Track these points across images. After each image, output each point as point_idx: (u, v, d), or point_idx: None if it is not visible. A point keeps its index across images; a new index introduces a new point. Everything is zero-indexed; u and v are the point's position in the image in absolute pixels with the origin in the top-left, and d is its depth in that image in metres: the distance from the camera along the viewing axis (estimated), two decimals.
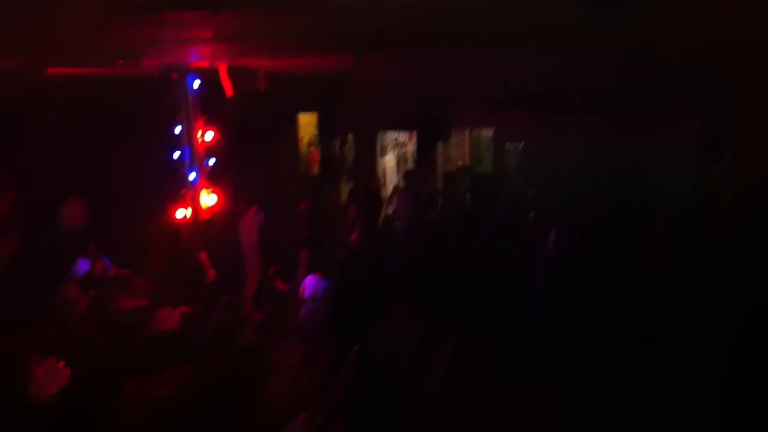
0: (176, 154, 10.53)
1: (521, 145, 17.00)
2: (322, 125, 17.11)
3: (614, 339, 7.34)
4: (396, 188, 13.98)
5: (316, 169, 17.04)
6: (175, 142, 10.49)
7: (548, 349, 7.50)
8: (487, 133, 18.23)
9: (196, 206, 10.57)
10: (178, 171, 10.54)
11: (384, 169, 16.23)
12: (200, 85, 10.36)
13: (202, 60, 9.71)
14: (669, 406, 6.55)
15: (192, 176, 10.51)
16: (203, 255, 10.30)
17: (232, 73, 9.88)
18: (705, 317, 7.26)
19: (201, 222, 10.61)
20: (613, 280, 7.78)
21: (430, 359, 7.12)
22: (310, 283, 9.45)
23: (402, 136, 17.00)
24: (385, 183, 15.58)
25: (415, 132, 15.70)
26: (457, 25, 5.58)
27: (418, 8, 4.47)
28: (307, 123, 17.16)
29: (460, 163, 17.45)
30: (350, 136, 16.89)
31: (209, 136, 10.56)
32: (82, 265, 9.98)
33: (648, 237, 8.76)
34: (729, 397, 6.40)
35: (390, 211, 13.24)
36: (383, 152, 16.36)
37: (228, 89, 9.96)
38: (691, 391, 6.66)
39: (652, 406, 6.56)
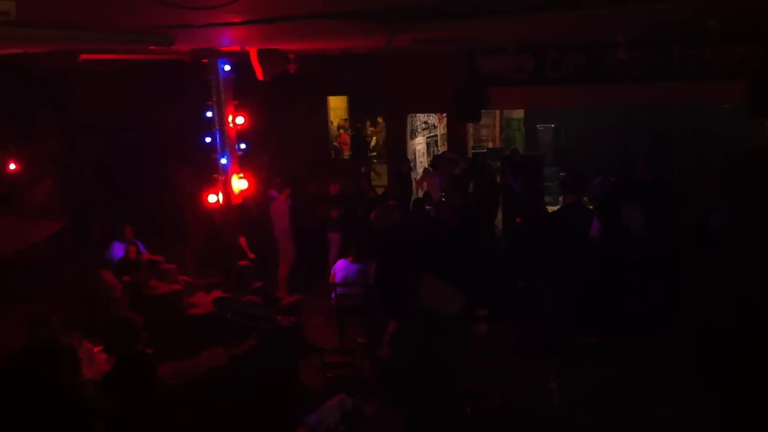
0: (207, 139, 10.56)
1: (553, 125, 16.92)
2: (352, 108, 17.10)
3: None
4: (426, 170, 13.93)
5: (346, 152, 17.03)
6: (207, 127, 10.52)
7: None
8: (518, 114, 18.10)
9: (228, 191, 10.60)
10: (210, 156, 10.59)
11: (414, 152, 16.17)
12: (231, 69, 10.36)
13: (233, 44, 9.70)
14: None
15: (224, 161, 10.53)
16: (242, 240, 10.38)
17: (263, 56, 9.86)
18: None
19: (233, 207, 10.65)
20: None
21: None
22: (341, 268, 9.46)
23: (432, 119, 16.91)
24: (415, 166, 15.52)
25: (445, 114, 15.61)
26: None
27: None
28: (336, 106, 17.15)
29: (490, 144, 17.35)
30: (380, 119, 16.85)
31: (240, 120, 10.57)
32: (117, 250, 10.08)
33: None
34: None
35: (420, 193, 13.20)
36: (413, 135, 16.29)
37: (259, 73, 9.95)
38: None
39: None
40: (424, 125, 16.76)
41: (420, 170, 15.18)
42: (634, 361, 7.13)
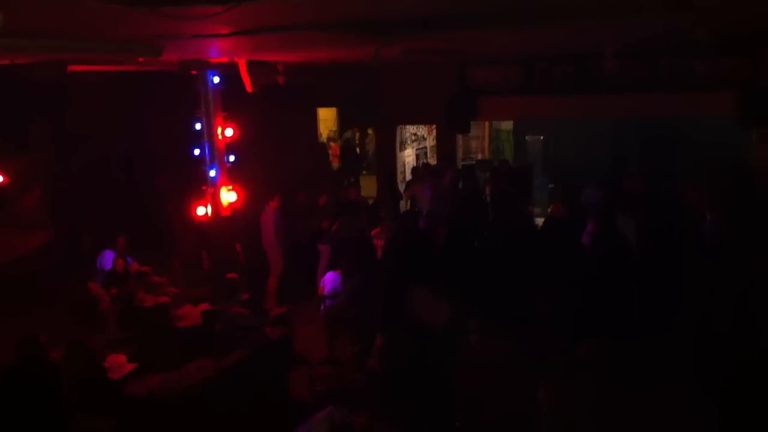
0: (196, 151, 10.54)
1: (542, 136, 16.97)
2: (342, 120, 17.12)
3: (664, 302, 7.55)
4: (409, 183, 13.89)
5: (335, 163, 17.03)
6: (196, 139, 10.50)
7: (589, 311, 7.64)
8: (507, 125, 18.16)
9: (216, 203, 10.57)
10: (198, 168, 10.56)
11: (404, 164, 16.18)
12: (220, 80, 10.36)
13: (221, 55, 9.69)
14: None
15: (212, 173, 10.50)
16: (238, 246, 10.36)
17: (252, 67, 9.85)
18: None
19: (222, 219, 10.61)
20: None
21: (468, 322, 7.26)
22: (330, 280, 9.42)
23: (421, 130, 16.94)
24: (404, 177, 15.53)
25: (434, 126, 15.64)
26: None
27: None
28: (326, 118, 17.15)
29: (479, 155, 17.38)
30: (370, 131, 16.86)
31: (229, 132, 10.56)
32: (108, 258, 10.00)
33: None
34: None
35: (409, 205, 13.19)
36: (403, 147, 16.32)
37: (248, 85, 9.94)
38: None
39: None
40: (413, 137, 16.79)
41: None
42: (630, 371, 7.14)
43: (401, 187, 14.43)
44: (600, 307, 7.64)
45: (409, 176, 15.38)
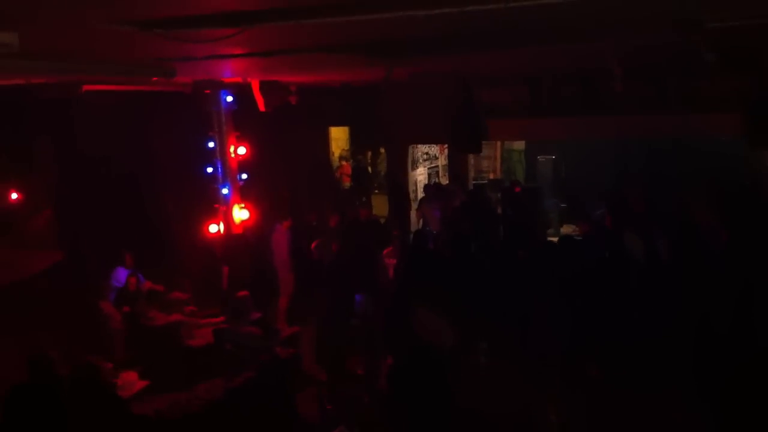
0: (209, 170, 10.62)
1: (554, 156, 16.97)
2: (354, 139, 17.17)
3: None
4: (421, 201, 13.90)
5: (347, 183, 17.07)
6: (209, 158, 10.58)
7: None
8: (519, 145, 18.18)
9: (228, 221, 10.63)
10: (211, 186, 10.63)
11: (415, 183, 16.21)
12: (233, 100, 10.45)
13: (234, 76, 9.78)
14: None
15: (225, 191, 10.57)
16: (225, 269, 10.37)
17: (265, 88, 9.94)
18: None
19: (233, 237, 10.66)
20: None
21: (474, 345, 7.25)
22: None
23: (433, 150, 16.97)
24: (416, 197, 15.55)
25: (446, 145, 15.66)
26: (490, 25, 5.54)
27: (450, 18, 4.43)
28: (338, 137, 17.22)
29: (491, 175, 17.39)
30: (382, 150, 16.91)
31: (242, 151, 10.63)
32: (122, 275, 10.04)
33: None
34: None
35: (420, 224, 13.19)
36: (414, 166, 16.35)
37: (261, 104, 10.02)
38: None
39: None
40: (425, 156, 16.82)
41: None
42: (630, 372, 7.13)
43: (413, 206, 14.46)
44: (603, 315, 7.65)
45: (421, 194, 15.41)
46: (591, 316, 7.75)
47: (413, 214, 14.06)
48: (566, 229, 11.35)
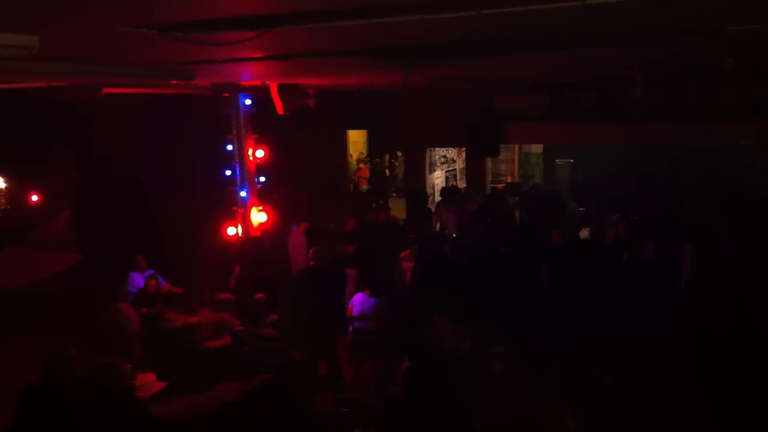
0: (227, 172, 10.66)
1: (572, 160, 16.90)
2: (372, 142, 17.18)
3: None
4: (438, 205, 13.86)
5: (365, 186, 17.07)
6: (227, 161, 10.62)
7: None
8: (537, 148, 18.10)
9: (246, 224, 10.65)
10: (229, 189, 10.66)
11: (433, 186, 16.19)
12: (251, 103, 10.48)
13: (253, 79, 9.81)
14: None
15: (243, 194, 10.60)
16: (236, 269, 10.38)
17: (284, 91, 9.96)
18: None
19: (250, 240, 10.68)
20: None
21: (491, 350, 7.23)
22: (358, 302, 9.41)
23: (451, 153, 16.95)
24: (433, 200, 15.52)
25: (464, 148, 15.64)
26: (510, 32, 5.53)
27: (469, 22, 4.42)
28: (356, 140, 17.23)
29: (509, 179, 17.33)
30: (399, 153, 16.91)
31: (260, 154, 10.66)
32: (137, 281, 10.10)
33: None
34: None
35: (438, 227, 13.15)
36: (432, 169, 16.33)
37: (279, 108, 10.04)
38: None
39: None
40: (443, 159, 16.80)
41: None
42: (654, 398, 7.07)
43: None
44: (614, 319, 7.66)
45: (439, 198, 15.39)
46: (600, 320, 7.76)
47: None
48: (583, 233, 11.22)
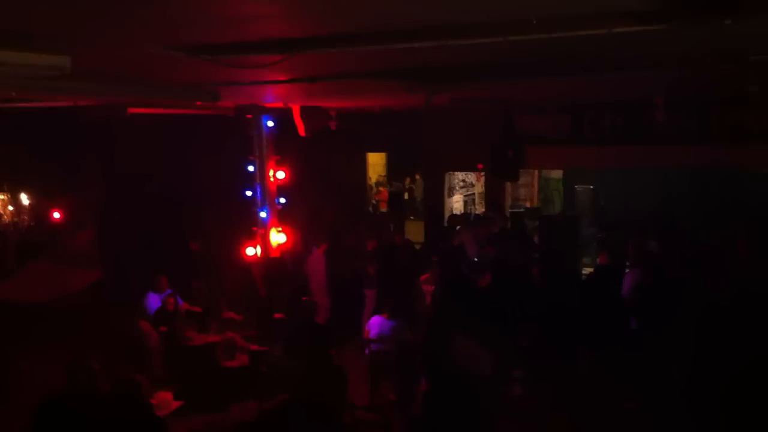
0: (248, 193, 10.74)
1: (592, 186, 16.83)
2: (391, 164, 17.24)
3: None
4: (459, 230, 13.84)
5: (384, 208, 17.12)
6: (248, 181, 10.71)
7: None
8: (557, 173, 18.06)
9: (266, 244, 10.71)
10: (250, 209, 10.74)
11: (452, 210, 16.18)
12: (273, 125, 10.58)
13: (276, 100, 9.91)
14: None
15: (263, 215, 10.67)
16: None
17: (306, 113, 10.05)
18: None
19: (271, 260, 10.72)
20: None
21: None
22: (375, 324, 9.41)
23: (470, 177, 16.96)
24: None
25: (482, 173, 15.65)
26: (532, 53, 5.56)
27: (492, 46, 4.46)
28: (375, 162, 17.31)
29: (528, 204, 17.29)
30: (418, 177, 16.96)
31: (281, 175, 10.74)
32: (153, 301, 10.17)
33: None
34: None
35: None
36: (451, 193, 16.34)
37: (301, 129, 10.12)
38: None
39: None
40: (462, 183, 16.82)
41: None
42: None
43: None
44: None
45: (446, 224, 15.38)
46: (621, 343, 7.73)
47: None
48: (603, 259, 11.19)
